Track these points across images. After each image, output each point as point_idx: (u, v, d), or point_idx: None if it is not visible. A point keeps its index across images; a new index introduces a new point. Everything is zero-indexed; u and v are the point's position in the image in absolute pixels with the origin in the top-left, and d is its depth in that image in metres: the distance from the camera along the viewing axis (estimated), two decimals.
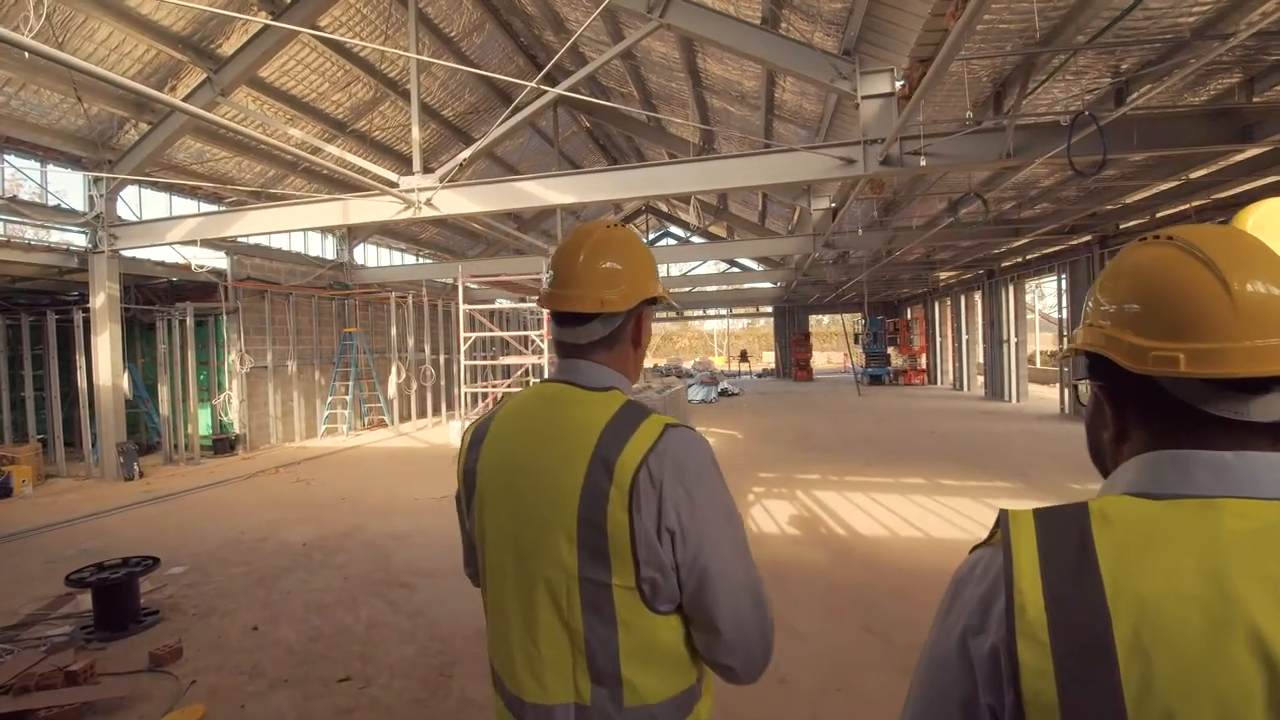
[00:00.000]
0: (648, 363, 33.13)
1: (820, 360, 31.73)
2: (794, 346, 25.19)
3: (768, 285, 23.43)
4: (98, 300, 9.61)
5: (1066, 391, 13.41)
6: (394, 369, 13.71)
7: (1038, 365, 21.12)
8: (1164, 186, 9.52)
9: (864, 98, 6.70)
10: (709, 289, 24.09)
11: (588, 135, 16.77)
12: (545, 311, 9.61)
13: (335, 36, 8.45)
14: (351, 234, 15.44)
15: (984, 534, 0.70)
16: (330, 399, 14.04)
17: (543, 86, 6.38)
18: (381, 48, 6.72)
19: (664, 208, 21.46)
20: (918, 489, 7.31)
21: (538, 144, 15.86)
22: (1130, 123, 6.29)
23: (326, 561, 5.36)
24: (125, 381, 9.99)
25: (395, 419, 14.31)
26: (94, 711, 3.18)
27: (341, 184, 12.51)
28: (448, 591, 4.59)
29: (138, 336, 12.07)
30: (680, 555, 1.00)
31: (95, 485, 9.20)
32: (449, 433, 12.53)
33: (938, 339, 22.02)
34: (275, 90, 10.45)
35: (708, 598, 1.01)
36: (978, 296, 18.18)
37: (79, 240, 9.82)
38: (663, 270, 23.82)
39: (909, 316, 24.05)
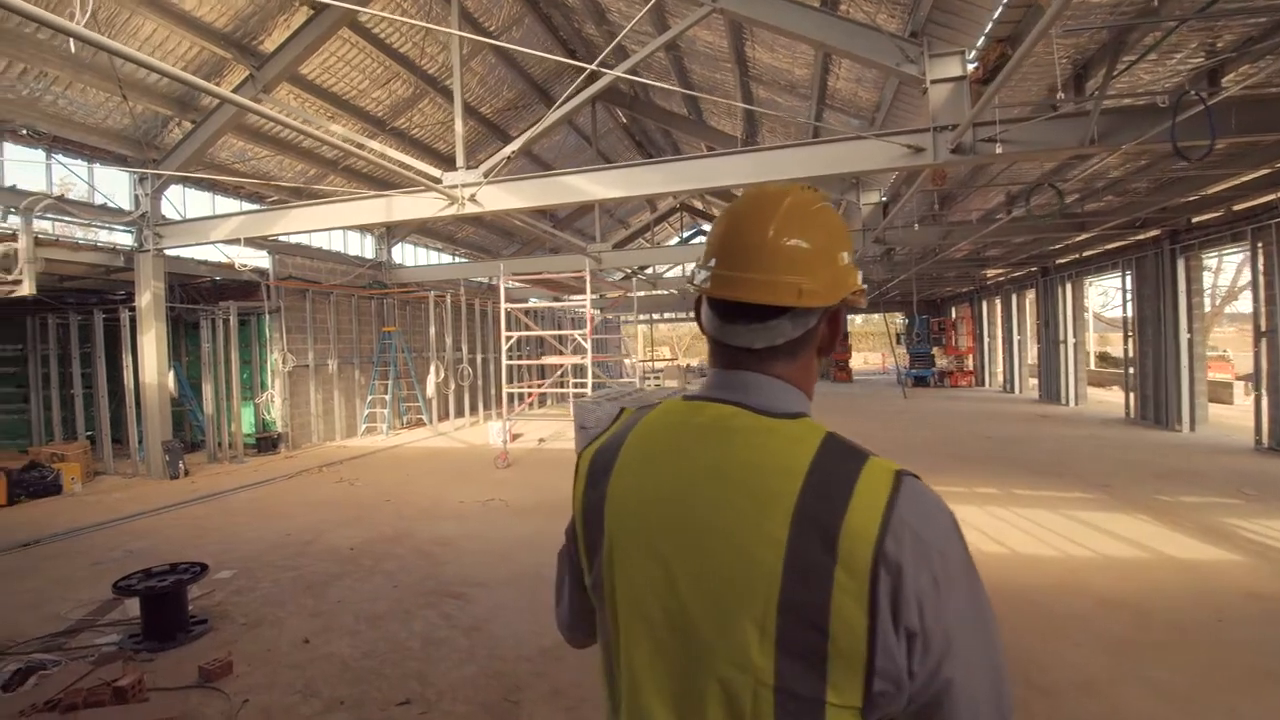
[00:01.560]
0: (682, 360, 32.70)
1: (856, 361, 30.97)
2: None
3: None
4: (143, 299, 9.65)
5: (1132, 395, 12.71)
6: (432, 368, 13.63)
7: (1091, 366, 20.24)
8: (1250, 176, 8.87)
9: (933, 82, 6.30)
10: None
11: (624, 132, 16.51)
12: (589, 309, 9.43)
13: (385, 13, 8.28)
14: (390, 233, 15.42)
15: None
16: (370, 398, 14.04)
17: (601, 68, 6.09)
18: (427, 25, 6.46)
19: (699, 205, 21.09)
20: (992, 499, 6.85)
21: (575, 141, 15.67)
22: (1227, 105, 5.78)
23: (375, 568, 5.16)
24: (170, 380, 10.01)
25: (434, 419, 14.24)
26: None
27: (381, 182, 12.47)
28: (503, 604, 4.35)
29: (182, 335, 12.18)
30: (918, 664, 0.73)
31: (142, 483, 9.22)
32: (488, 433, 12.38)
33: (986, 339, 21.23)
34: (316, 87, 10.41)
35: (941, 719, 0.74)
36: (1030, 294, 17.46)
37: (125, 239, 9.87)
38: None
39: (954, 315, 23.26)
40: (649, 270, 17.83)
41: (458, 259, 18.22)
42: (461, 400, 15.29)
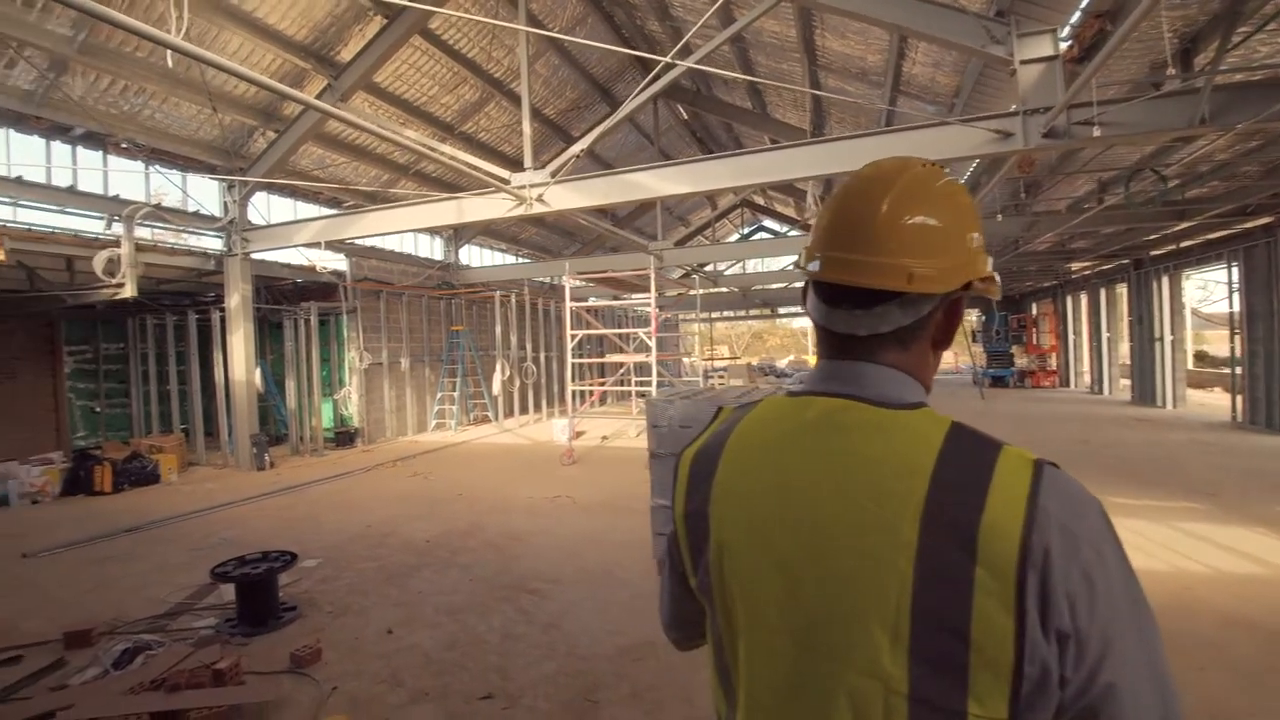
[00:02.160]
0: (743, 359, 32.30)
1: None
2: None
3: None
4: (232, 300, 10.21)
5: (1239, 398, 11.69)
6: (498, 366, 13.91)
7: (1191, 366, 18.78)
8: None
9: (1022, 63, 5.92)
10: (802, 285, 23.10)
11: (685, 128, 16.39)
12: (653, 307, 9.37)
13: (457, 12, 8.45)
14: (457, 235, 15.83)
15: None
16: (439, 395, 14.46)
17: (674, 60, 6.00)
18: (497, 23, 6.54)
19: (761, 201, 20.74)
20: None
21: (635, 139, 15.68)
22: None
23: (451, 560, 5.26)
24: (257, 377, 10.57)
25: (499, 415, 14.52)
26: (241, 715, 3.10)
27: (450, 185, 12.80)
28: (577, 602, 4.33)
29: (267, 334, 12.83)
30: (1071, 669, 0.66)
31: (231, 474, 9.75)
32: (551, 430, 12.52)
33: (1071, 336, 20.00)
34: (389, 94, 10.77)
35: None
36: (1121, 289, 16.33)
37: (215, 244, 10.46)
38: (757, 265, 23.07)
39: (1035, 311, 22.02)
40: (708, 267, 17.65)
41: (521, 259, 18.53)
42: (525, 397, 15.55)
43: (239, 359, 10.19)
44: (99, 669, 3.52)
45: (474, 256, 17.09)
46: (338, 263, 12.31)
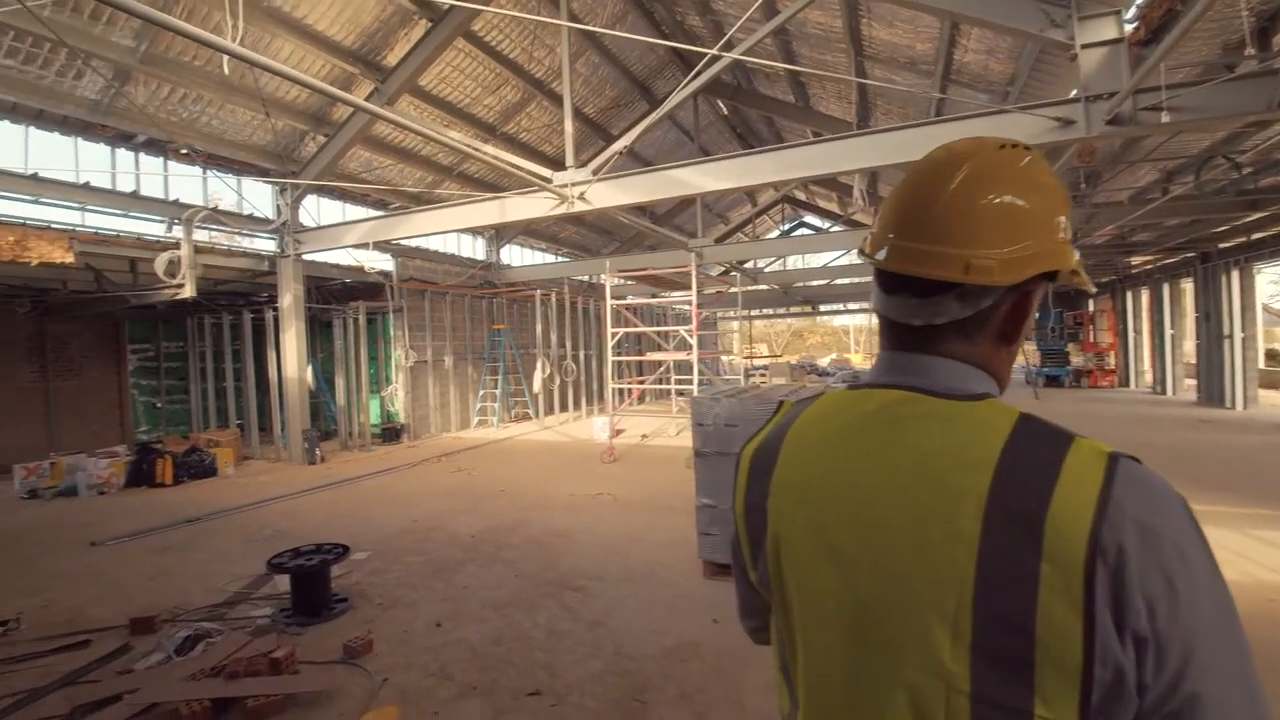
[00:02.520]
0: (784, 357, 31.87)
1: None
2: None
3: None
4: (285, 300, 10.54)
5: None
6: (539, 364, 14.03)
7: (1261, 365, 17.74)
8: None
9: (1084, 47, 5.65)
10: (844, 281, 22.60)
11: (725, 124, 16.25)
12: (694, 304, 9.30)
13: (500, 9, 8.53)
14: (499, 235, 16.02)
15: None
16: (481, 392, 14.69)
17: (721, 51, 5.92)
18: (539, 19, 6.57)
19: (802, 196, 20.41)
20: None
21: (675, 137, 15.60)
22: None
23: (496, 556, 5.30)
24: (308, 374, 10.88)
25: (539, 413, 14.65)
26: (296, 703, 3.17)
27: (492, 186, 12.96)
28: (621, 600, 4.31)
29: (317, 333, 13.21)
30: (1151, 676, 0.63)
31: (284, 468, 10.06)
32: (591, 428, 12.56)
33: (1131, 334, 19.11)
34: (433, 97, 10.94)
35: None
36: (1186, 284, 15.53)
37: (268, 246, 10.80)
38: (797, 262, 22.70)
39: (1092, 308, 21.12)
40: (748, 264, 17.44)
41: (560, 258, 18.65)
42: (565, 395, 15.64)
43: (291, 357, 10.52)
44: (162, 655, 3.65)
45: (515, 256, 17.28)
46: (384, 263, 12.60)
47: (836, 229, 19.71)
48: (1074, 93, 5.88)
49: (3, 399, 10.82)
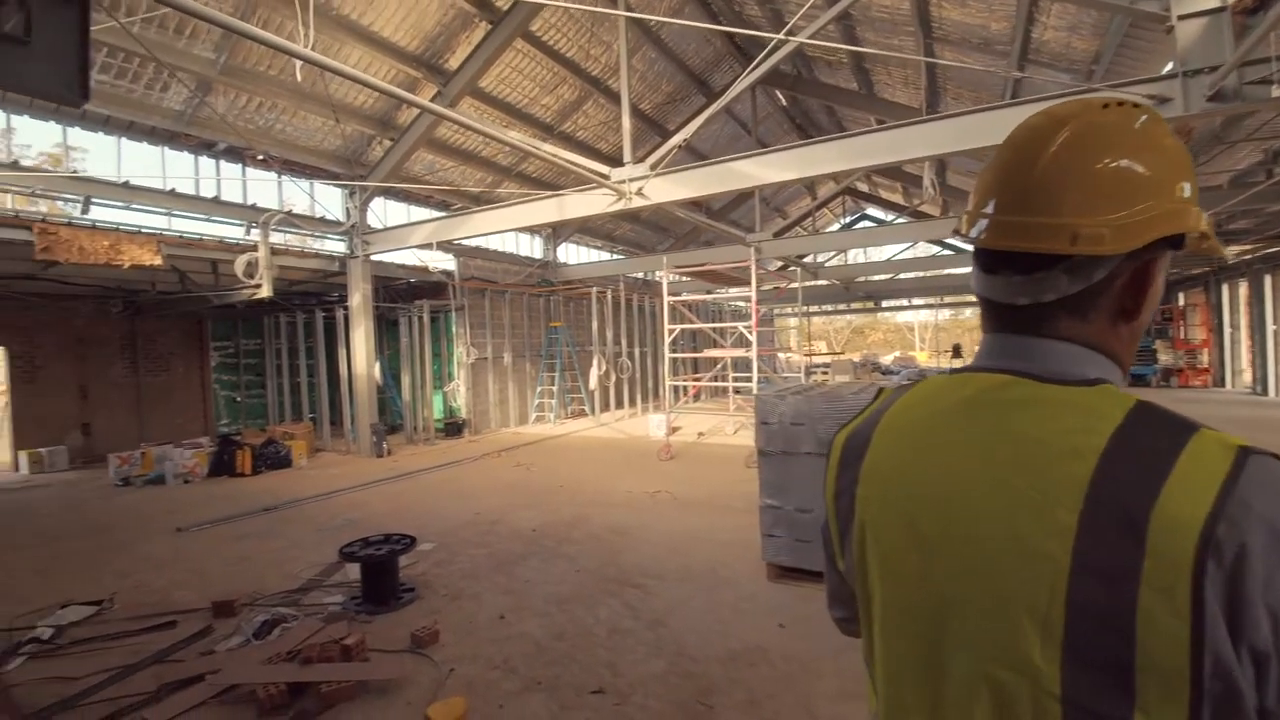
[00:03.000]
0: (847, 354, 31.04)
1: None
2: None
3: None
4: (354, 299, 10.93)
5: None
6: (595, 361, 14.11)
7: None
8: None
9: (1180, 18, 5.22)
10: (909, 276, 21.78)
11: (784, 115, 15.90)
12: (754, 300, 9.11)
13: (557, 1, 8.55)
14: (555, 234, 16.18)
15: None
16: (539, 389, 14.88)
17: (785, 37, 5.74)
18: (598, 10, 6.53)
19: (864, 187, 19.79)
20: None
21: (731, 130, 15.40)
22: None
23: (557, 551, 5.31)
24: (376, 370, 11.26)
25: (595, 409, 14.72)
26: (366, 690, 3.23)
27: (550, 185, 13.06)
28: (683, 600, 4.23)
29: (384, 331, 13.66)
30: (1275, 700, 0.56)
31: (353, 460, 10.43)
32: (647, 425, 12.52)
33: (1227, 329, 17.68)
34: (493, 99, 11.11)
35: None
36: None
37: (338, 247, 11.22)
38: (857, 256, 22.07)
39: (1182, 302, 19.68)
40: (807, 259, 17.04)
41: (615, 256, 18.69)
42: (620, 392, 15.68)
43: (360, 354, 10.91)
44: (241, 638, 3.79)
45: (571, 254, 17.43)
46: (447, 263, 12.91)
47: (901, 221, 19.05)
48: (1169, 68, 5.43)
49: (99, 393, 11.64)
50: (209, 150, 9.67)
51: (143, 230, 8.70)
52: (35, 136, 22.83)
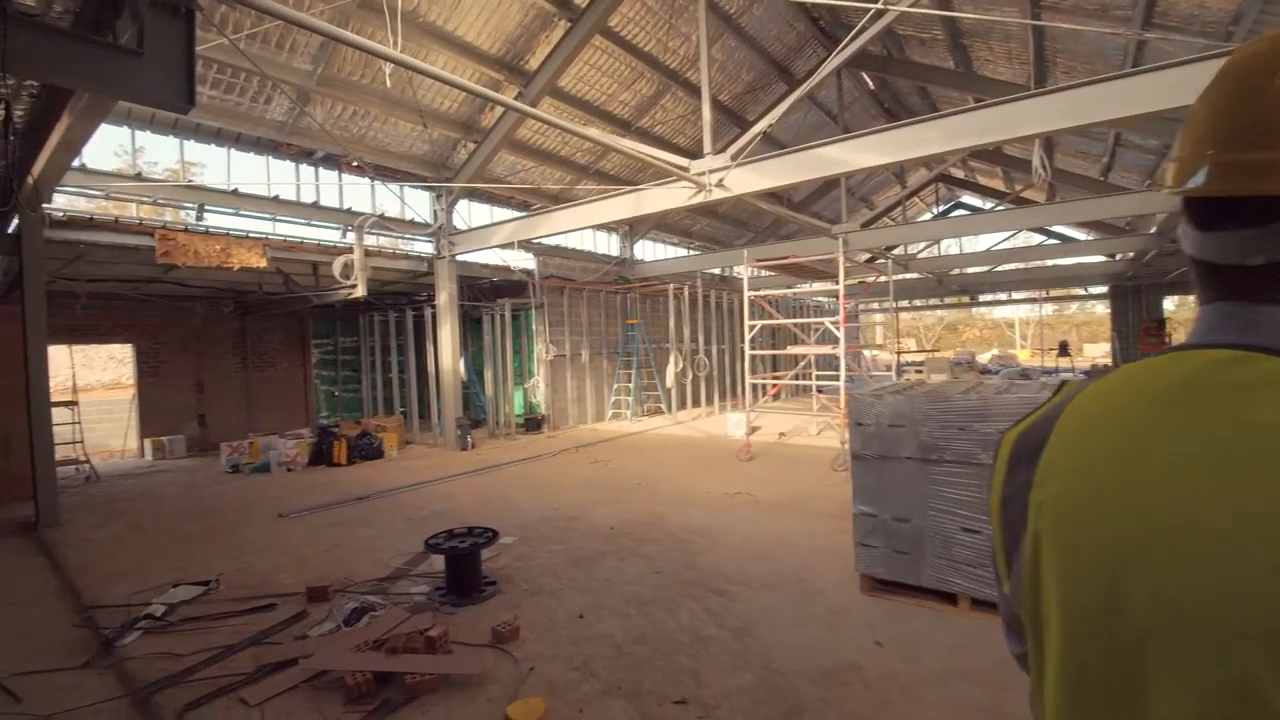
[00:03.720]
0: (943, 352, 29.44)
1: None
2: (1143, 335, 19.75)
3: (1098, 259, 18.90)
4: (441, 298, 11.30)
5: None
6: (671, 359, 13.97)
7: None
8: None
9: None
10: (1009, 268, 20.27)
11: (871, 100, 15.18)
12: (842, 295, 8.69)
13: None
14: (632, 231, 16.15)
15: None
16: (615, 386, 14.91)
17: (883, 5, 5.37)
18: None
19: (960, 173, 18.63)
20: None
21: (814, 118, 14.87)
22: None
23: (635, 550, 5.20)
24: (461, 366, 11.60)
25: (672, 407, 14.58)
26: (449, 684, 3.22)
27: (627, 182, 13.04)
28: (769, 608, 4.01)
29: (467, 329, 14.08)
30: None
31: (440, 453, 10.78)
32: (725, 424, 12.26)
33: None
34: (571, 97, 11.18)
35: None
36: None
37: (426, 248, 11.62)
38: (950, 247, 20.80)
39: None
40: (897, 250, 16.18)
41: (692, 252, 18.48)
42: (697, 390, 15.47)
43: (446, 351, 11.27)
44: (333, 624, 3.90)
45: (647, 251, 17.36)
46: (527, 262, 13.15)
47: (1001, 208, 17.80)
48: None
49: (213, 386, 12.60)
50: (308, 158, 10.24)
51: (249, 235, 9.30)
52: (162, 154, 25.12)
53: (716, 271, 19.07)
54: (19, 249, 6.61)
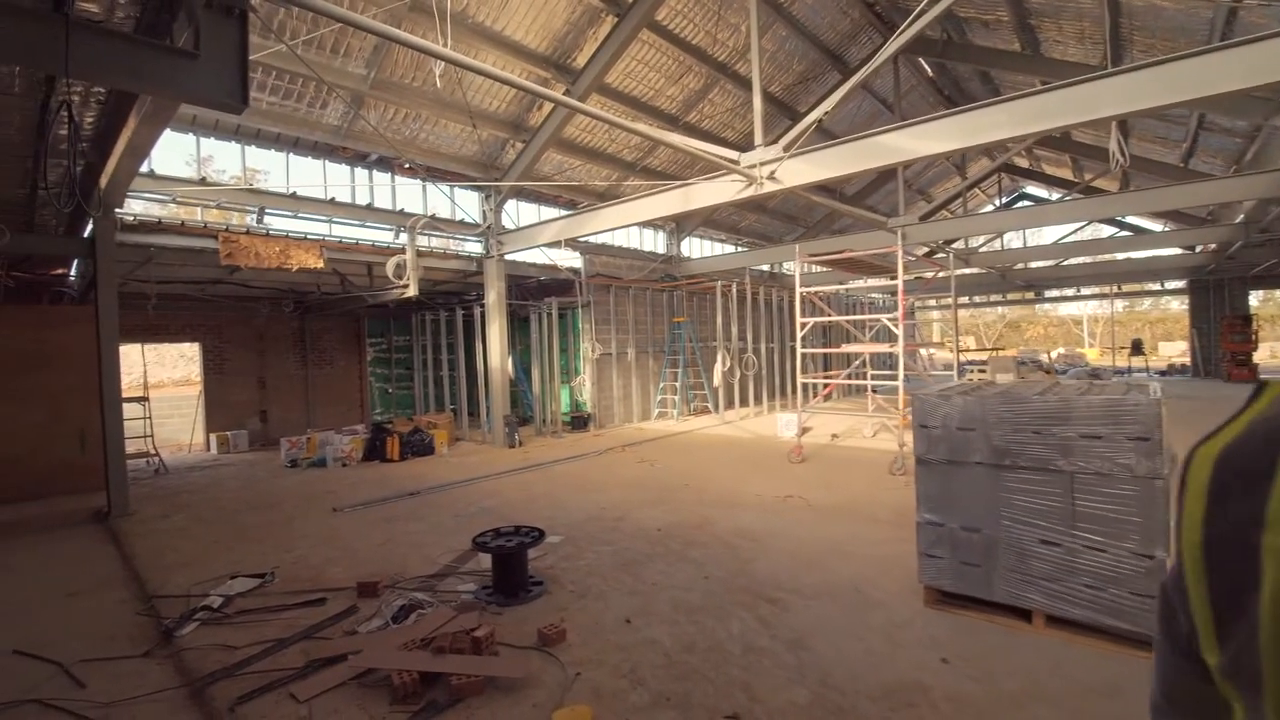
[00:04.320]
0: (1004, 350, 28.17)
1: (1263, 353, 23.03)
2: (1226, 333, 18.41)
3: (1175, 252, 17.70)
4: (490, 298, 11.40)
5: None
6: (718, 357, 13.74)
7: None
8: None
9: None
10: (1077, 261, 19.16)
11: (930, 87, 14.58)
12: (901, 291, 8.32)
13: None
14: (679, 228, 15.98)
15: None
16: (661, 385, 14.78)
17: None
18: None
19: (1025, 163, 17.75)
20: None
21: (869, 107, 14.40)
22: None
23: (684, 554, 5.06)
24: (509, 365, 11.68)
25: (719, 407, 14.36)
26: (494, 686, 3.16)
27: (675, 178, 12.89)
28: (825, 619, 3.81)
29: (516, 327, 14.19)
30: None
31: (488, 450, 10.88)
32: (775, 424, 11.98)
33: None
34: (618, 93, 11.09)
35: None
36: None
37: (476, 249, 11.74)
38: (1014, 241, 19.86)
39: None
40: (957, 244, 15.52)
41: (740, 249, 18.18)
42: (745, 389, 15.19)
43: (495, 349, 11.37)
44: (381, 621, 3.90)
45: (694, 248, 17.16)
46: (573, 260, 13.15)
47: (1070, 199, 16.92)
48: None
49: (274, 383, 13.07)
50: (362, 161, 10.46)
51: (307, 236, 9.55)
52: (229, 162, 26.26)
53: (765, 268, 18.71)
54: (93, 252, 6.94)
